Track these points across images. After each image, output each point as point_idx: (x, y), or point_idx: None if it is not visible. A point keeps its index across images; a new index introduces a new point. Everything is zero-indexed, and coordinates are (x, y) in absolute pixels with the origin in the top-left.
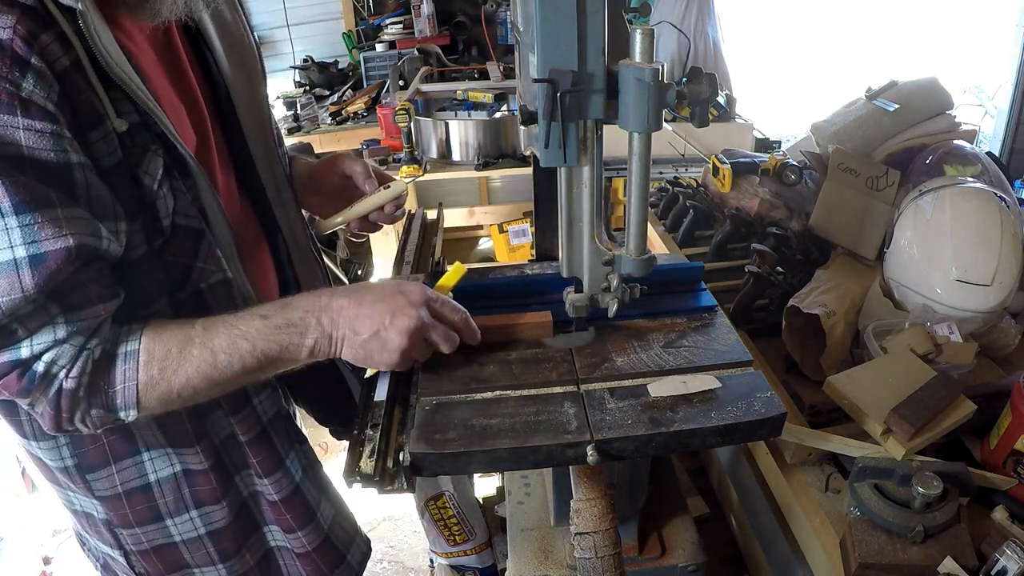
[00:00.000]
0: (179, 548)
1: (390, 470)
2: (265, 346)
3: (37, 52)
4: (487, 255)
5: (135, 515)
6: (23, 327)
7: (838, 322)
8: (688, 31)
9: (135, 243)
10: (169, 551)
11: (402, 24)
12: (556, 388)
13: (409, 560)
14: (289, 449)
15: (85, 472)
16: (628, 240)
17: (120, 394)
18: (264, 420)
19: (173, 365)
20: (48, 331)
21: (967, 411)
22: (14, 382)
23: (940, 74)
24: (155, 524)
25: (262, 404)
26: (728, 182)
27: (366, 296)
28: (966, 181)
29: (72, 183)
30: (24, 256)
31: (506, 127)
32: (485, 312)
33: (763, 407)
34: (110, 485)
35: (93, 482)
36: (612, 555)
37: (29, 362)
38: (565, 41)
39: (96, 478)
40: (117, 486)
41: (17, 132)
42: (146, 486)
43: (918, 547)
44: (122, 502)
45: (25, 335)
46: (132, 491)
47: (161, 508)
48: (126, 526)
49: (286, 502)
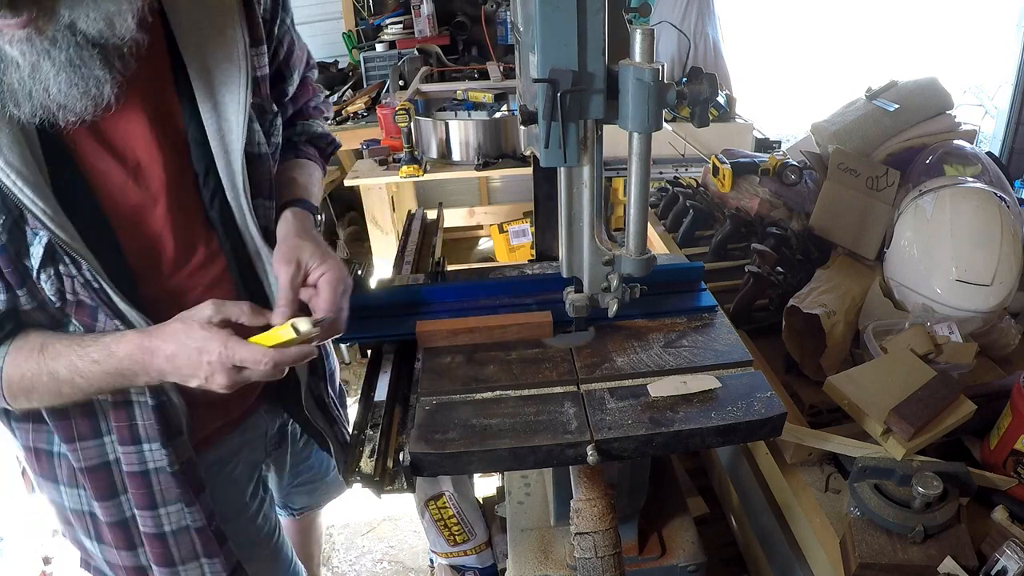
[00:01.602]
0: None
1: (390, 470)
2: (101, 384)
3: None
4: (487, 255)
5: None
6: None
7: (838, 322)
8: (688, 31)
9: (23, 302)
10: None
11: (402, 24)
12: (556, 388)
13: (409, 560)
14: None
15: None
16: (628, 240)
17: None
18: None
19: (27, 386)
20: None
21: (967, 411)
22: None
23: (940, 74)
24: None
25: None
26: (728, 182)
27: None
28: (966, 181)
29: None
30: None
31: (506, 127)
32: (486, 312)
33: (763, 407)
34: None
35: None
36: (612, 555)
37: None
38: (565, 41)
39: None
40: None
41: None
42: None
43: (918, 547)
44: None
45: None
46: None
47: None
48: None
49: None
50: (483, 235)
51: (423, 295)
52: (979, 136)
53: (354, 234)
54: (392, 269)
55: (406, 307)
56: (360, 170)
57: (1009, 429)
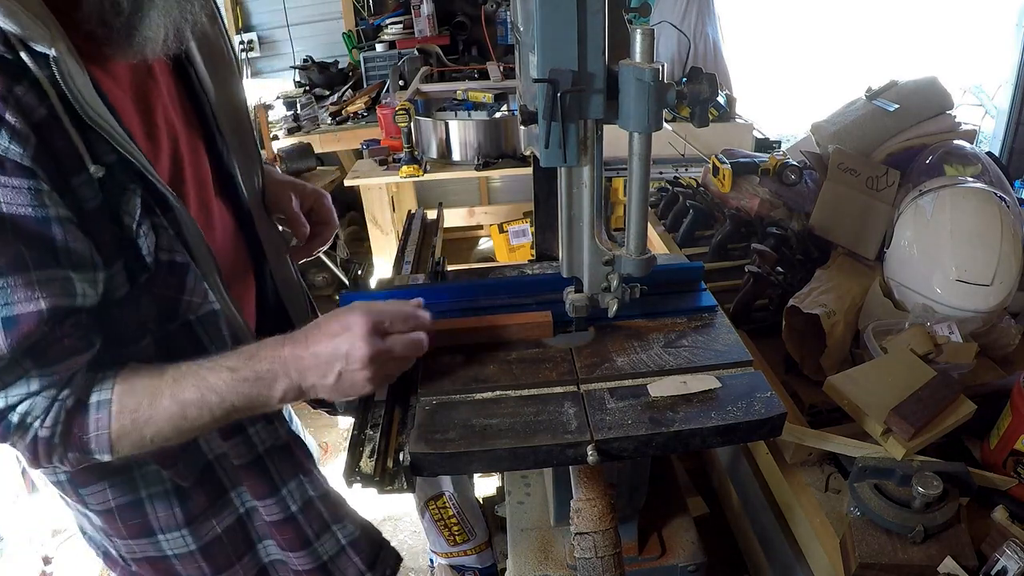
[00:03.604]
0: (171, 561)
1: (390, 470)
2: (235, 399)
3: (12, 107)
4: (487, 255)
5: (127, 529)
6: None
7: (838, 322)
8: (688, 31)
9: (117, 284)
10: (161, 563)
11: (402, 24)
12: (556, 388)
13: (409, 560)
14: (289, 479)
15: (78, 487)
16: (628, 240)
17: (94, 440)
18: (260, 449)
19: (144, 417)
20: (22, 384)
21: (967, 411)
22: None
23: (940, 74)
24: (147, 539)
25: (258, 434)
26: (728, 182)
27: (319, 341)
28: (966, 181)
29: (50, 239)
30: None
31: (506, 127)
32: (486, 312)
33: (763, 407)
34: (102, 500)
35: (86, 496)
36: (612, 555)
37: (4, 412)
38: (565, 41)
39: (88, 492)
40: (109, 501)
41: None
42: (138, 502)
43: (918, 547)
44: (114, 516)
45: (4, 385)
46: (123, 506)
47: (152, 523)
48: (119, 537)
49: (280, 524)
50: (483, 235)
51: (423, 295)
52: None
53: (354, 234)
54: (392, 269)
55: None
56: (360, 170)
57: (1009, 429)
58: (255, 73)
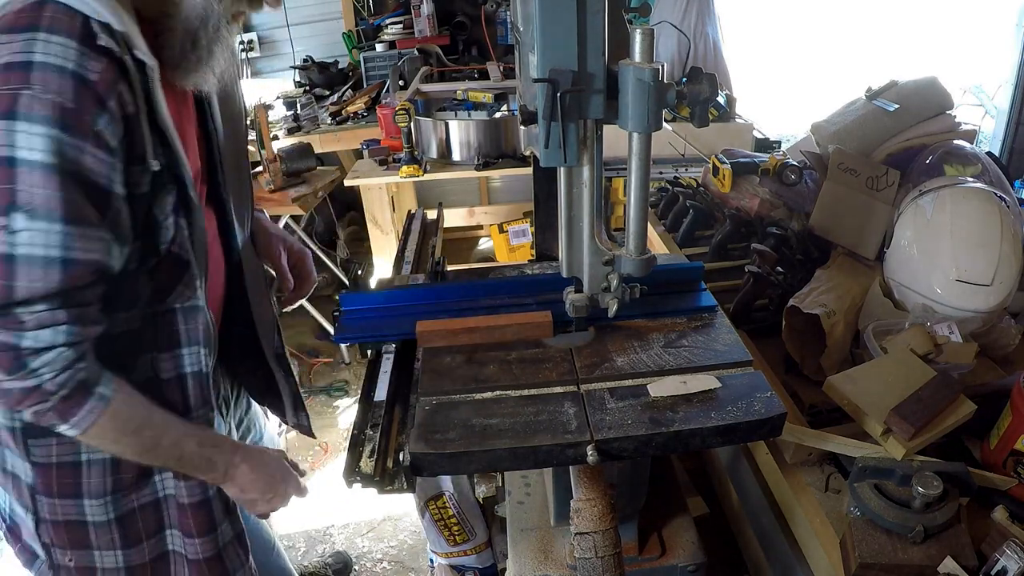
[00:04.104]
0: (87, 527)
1: (390, 470)
2: (187, 464)
3: (115, 98)
4: (487, 255)
5: (59, 487)
6: (33, 319)
7: (838, 322)
8: (688, 31)
9: (131, 260)
10: (78, 528)
11: (402, 24)
12: (556, 388)
13: (409, 560)
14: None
15: (28, 437)
16: (628, 240)
17: (77, 422)
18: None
19: (128, 431)
20: (52, 332)
21: (967, 411)
22: (4, 361)
23: (940, 74)
24: (73, 500)
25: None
26: (728, 182)
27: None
28: (966, 181)
29: (110, 208)
30: (57, 257)
31: (506, 127)
32: (486, 312)
33: (763, 407)
34: (46, 454)
35: (32, 447)
36: (612, 555)
37: (24, 351)
38: (565, 41)
39: (36, 444)
40: (52, 456)
41: (85, 157)
42: (77, 463)
43: (918, 547)
44: (52, 472)
45: (32, 327)
46: (64, 464)
47: (83, 486)
48: (47, 495)
49: (196, 507)
50: (483, 235)
51: (423, 295)
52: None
53: (354, 234)
54: (392, 269)
55: (406, 307)
56: (360, 170)
57: (1009, 429)
58: (255, 73)
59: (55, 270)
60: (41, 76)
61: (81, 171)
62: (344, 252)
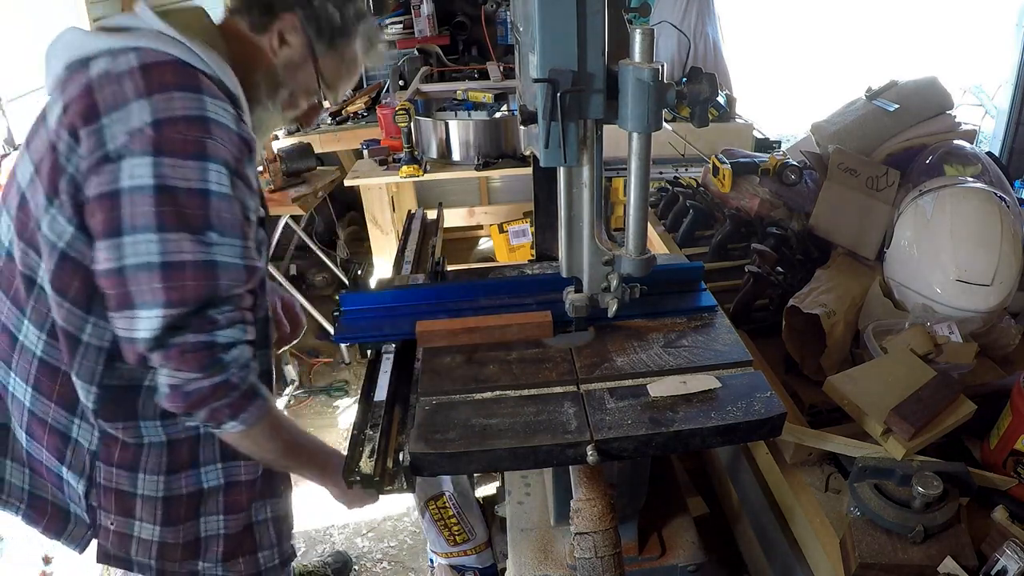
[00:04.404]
0: (136, 499)
1: (390, 470)
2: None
3: (252, 152)
4: (487, 255)
5: (119, 457)
6: (224, 318)
7: (838, 322)
8: (688, 31)
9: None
10: (129, 499)
11: (402, 24)
12: (556, 388)
13: (409, 560)
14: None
15: (99, 417)
16: (628, 240)
17: (247, 418)
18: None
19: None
20: (238, 330)
21: (967, 411)
22: (199, 359)
23: (940, 74)
24: (128, 472)
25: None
26: (728, 182)
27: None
28: (966, 181)
29: (254, 231)
30: (242, 264)
31: (506, 127)
32: (486, 312)
33: (763, 407)
34: (114, 428)
35: (103, 420)
36: (612, 555)
37: (218, 348)
38: (565, 41)
39: (107, 423)
40: (119, 431)
41: (242, 191)
42: (139, 444)
43: (918, 547)
44: (115, 443)
45: (224, 325)
46: (127, 441)
47: (140, 461)
48: (107, 463)
49: (249, 485)
50: (483, 235)
51: (423, 295)
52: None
53: (354, 234)
54: (392, 269)
55: (406, 307)
56: (360, 170)
57: (1009, 429)
58: None
59: (242, 273)
60: (216, 129)
61: (242, 202)
62: (344, 252)
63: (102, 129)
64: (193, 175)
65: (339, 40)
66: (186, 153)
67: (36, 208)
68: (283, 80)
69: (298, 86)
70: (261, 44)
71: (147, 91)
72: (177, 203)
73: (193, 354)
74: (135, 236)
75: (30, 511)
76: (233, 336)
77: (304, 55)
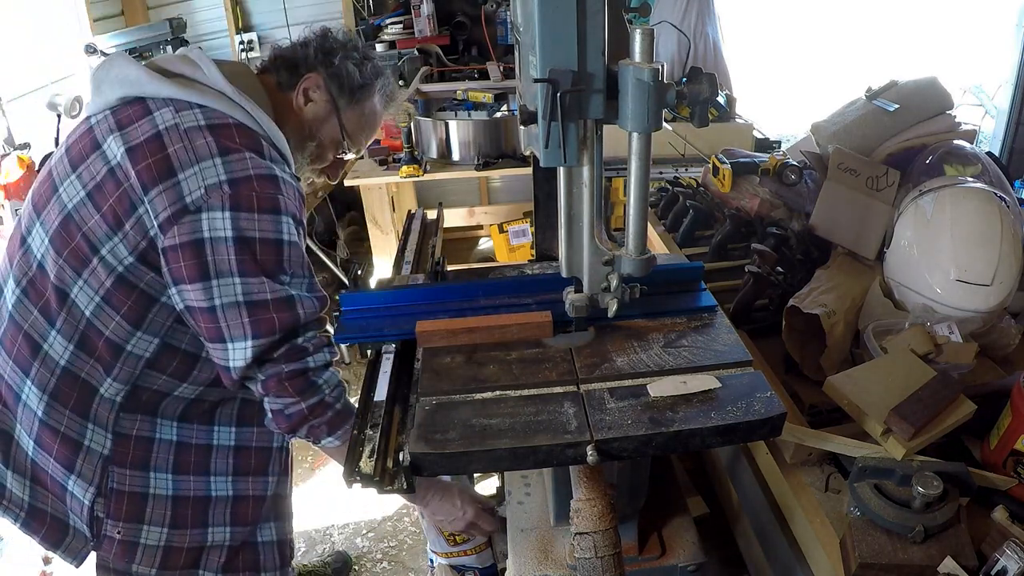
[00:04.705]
0: (147, 499)
1: (390, 470)
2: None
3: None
4: (487, 255)
5: (132, 457)
6: (312, 344)
7: (838, 322)
8: (688, 31)
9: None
10: (139, 500)
11: (402, 24)
12: (556, 388)
13: (409, 560)
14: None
15: (122, 410)
16: (628, 240)
17: (342, 434)
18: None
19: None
20: (326, 353)
21: (967, 411)
22: (296, 385)
23: (940, 74)
24: (140, 472)
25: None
26: (728, 182)
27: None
28: (966, 181)
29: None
30: (314, 295)
31: (506, 127)
32: (486, 312)
33: (763, 407)
34: (130, 427)
35: (122, 418)
36: (612, 555)
37: (312, 371)
38: (565, 41)
39: (126, 417)
40: (134, 430)
41: (302, 237)
42: (151, 439)
43: (918, 547)
44: (129, 442)
45: (313, 351)
46: (140, 438)
47: (151, 460)
48: (119, 465)
49: (235, 500)
50: (483, 235)
51: (423, 295)
52: (979, 136)
53: (354, 234)
54: (392, 269)
55: (406, 307)
56: (360, 170)
57: (1009, 429)
58: None
59: (315, 303)
60: (285, 187)
61: (305, 246)
62: (344, 252)
63: (179, 184)
64: (269, 227)
65: (359, 95)
66: (262, 208)
67: (91, 233)
68: (311, 133)
69: (324, 138)
70: (289, 100)
71: (219, 151)
72: (253, 251)
73: (290, 381)
74: (219, 280)
75: (29, 520)
76: (323, 359)
77: (328, 110)
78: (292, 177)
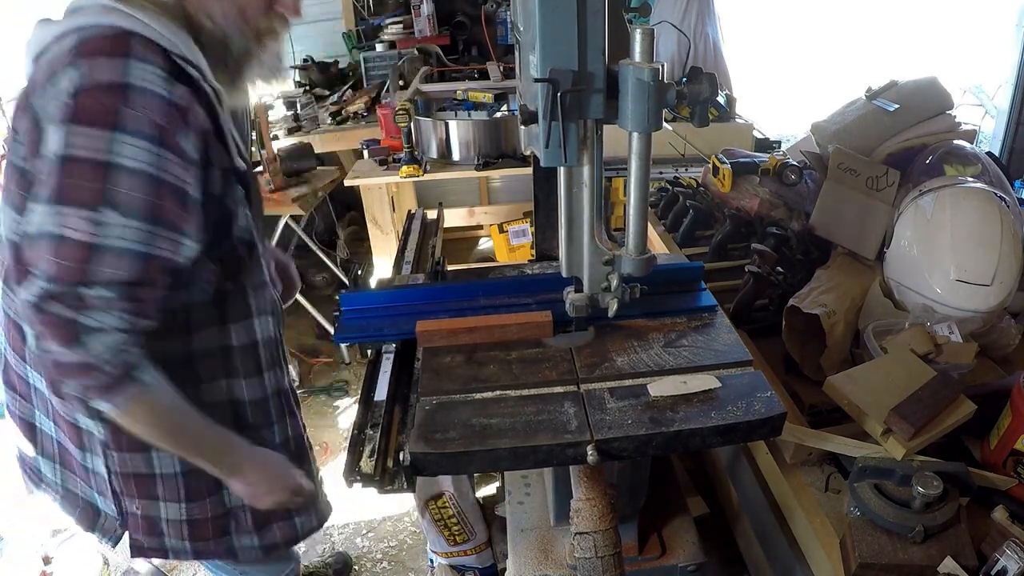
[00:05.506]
0: (155, 479)
1: (390, 470)
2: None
3: (193, 116)
4: (487, 255)
5: (129, 442)
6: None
7: (838, 322)
8: (688, 31)
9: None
10: (146, 480)
11: (402, 24)
12: (556, 388)
13: (409, 560)
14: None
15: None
16: (628, 240)
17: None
18: (269, 391)
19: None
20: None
21: (967, 411)
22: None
23: (940, 74)
24: (142, 454)
25: (275, 377)
26: (728, 182)
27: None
28: (966, 181)
29: (187, 210)
30: (138, 251)
31: (506, 127)
32: (486, 312)
33: (763, 407)
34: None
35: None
36: (612, 555)
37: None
38: (565, 41)
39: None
40: None
41: (171, 166)
42: None
43: (918, 547)
44: (120, 428)
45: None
46: None
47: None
48: (118, 450)
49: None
50: (483, 235)
51: (423, 295)
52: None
53: (354, 234)
54: (392, 269)
55: (406, 307)
56: (360, 170)
57: (1009, 429)
58: None
59: (136, 262)
60: (137, 96)
61: (166, 179)
62: (344, 252)
63: (32, 106)
64: (100, 145)
65: None
66: (94, 122)
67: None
68: None
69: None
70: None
71: (74, 61)
72: (75, 175)
73: (55, 327)
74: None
75: (64, 502)
76: (101, 321)
77: None
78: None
